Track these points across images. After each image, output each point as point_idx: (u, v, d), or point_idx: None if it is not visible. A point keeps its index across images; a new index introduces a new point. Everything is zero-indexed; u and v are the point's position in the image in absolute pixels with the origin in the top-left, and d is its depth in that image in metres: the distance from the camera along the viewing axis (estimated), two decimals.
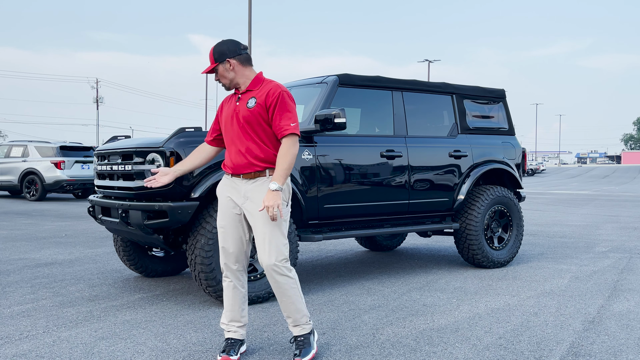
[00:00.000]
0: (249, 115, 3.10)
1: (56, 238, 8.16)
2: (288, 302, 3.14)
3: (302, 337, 3.18)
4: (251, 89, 3.17)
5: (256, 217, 3.08)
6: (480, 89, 6.31)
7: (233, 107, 3.19)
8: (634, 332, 3.72)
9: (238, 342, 3.22)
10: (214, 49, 3.17)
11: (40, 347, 3.36)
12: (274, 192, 2.97)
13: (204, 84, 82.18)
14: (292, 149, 3.04)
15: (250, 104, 3.12)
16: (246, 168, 3.12)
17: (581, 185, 31.00)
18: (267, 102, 3.08)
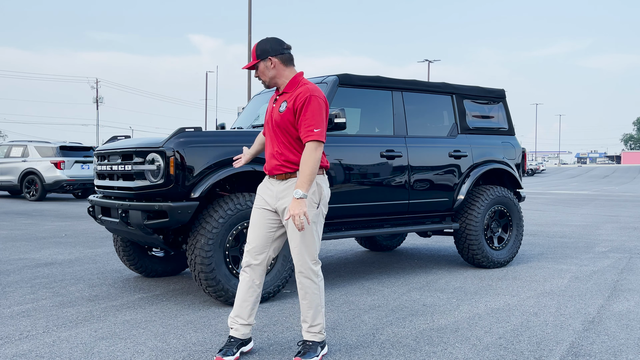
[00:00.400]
0: (280, 119, 3.13)
1: (56, 238, 8.16)
2: (307, 306, 3.15)
3: (311, 342, 3.17)
4: (287, 91, 3.18)
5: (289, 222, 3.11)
6: (480, 89, 6.31)
7: (270, 109, 3.25)
8: (634, 332, 3.72)
9: (238, 342, 3.21)
10: (257, 45, 3.18)
11: (40, 347, 3.36)
12: (299, 200, 2.94)
13: (203, 84, 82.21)
14: (314, 155, 3.00)
15: (281, 108, 3.15)
16: (278, 169, 3.17)
17: (581, 185, 31.00)
18: (295, 105, 3.08)
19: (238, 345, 3.20)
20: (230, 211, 4.26)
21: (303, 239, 3.09)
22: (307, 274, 3.13)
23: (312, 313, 3.16)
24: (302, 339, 3.24)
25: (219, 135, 4.62)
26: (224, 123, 6.01)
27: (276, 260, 4.50)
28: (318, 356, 3.14)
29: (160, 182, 4.21)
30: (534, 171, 52.59)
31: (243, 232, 4.37)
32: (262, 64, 3.15)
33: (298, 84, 3.15)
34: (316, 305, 3.16)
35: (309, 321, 3.18)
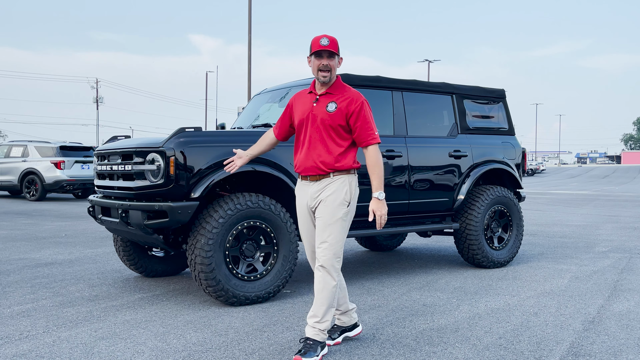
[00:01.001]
0: (328, 119, 3.17)
1: (56, 238, 8.16)
2: (321, 302, 3.20)
3: (312, 341, 3.18)
4: (331, 92, 3.23)
5: (320, 216, 3.20)
6: (480, 89, 6.31)
7: (309, 108, 3.25)
8: (634, 332, 3.72)
9: (339, 329, 3.45)
10: (336, 41, 3.20)
11: (40, 347, 3.36)
12: (381, 201, 3.15)
13: (203, 84, 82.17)
14: (380, 156, 3.20)
15: (330, 108, 3.19)
16: (313, 170, 3.23)
17: (581, 185, 31.00)
18: (348, 109, 3.17)
19: (341, 332, 3.43)
20: (230, 211, 4.26)
21: (331, 234, 3.17)
22: (328, 270, 3.18)
23: (325, 309, 3.20)
24: (303, 337, 3.25)
25: (219, 135, 4.62)
26: (224, 123, 6.01)
27: (276, 260, 4.50)
28: (318, 356, 3.14)
29: (160, 182, 4.21)
30: (534, 171, 52.59)
31: (243, 232, 4.37)
32: (336, 59, 3.21)
33: (344, 87, 3.27)
34: (330, 302, 3.20)
35: (319, 316, 3.20)
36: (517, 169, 6.42)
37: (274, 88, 5.94)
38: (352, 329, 3.48)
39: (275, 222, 4.46)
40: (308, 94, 3.32)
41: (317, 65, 3.17)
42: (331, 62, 3.16)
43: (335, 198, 3.18)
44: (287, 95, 5.61)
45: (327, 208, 3.17)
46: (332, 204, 3.18)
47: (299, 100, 3.35)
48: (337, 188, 3.20)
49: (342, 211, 3.19)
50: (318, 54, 3.17)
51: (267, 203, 4.43)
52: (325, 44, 3.14)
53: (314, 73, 3.23)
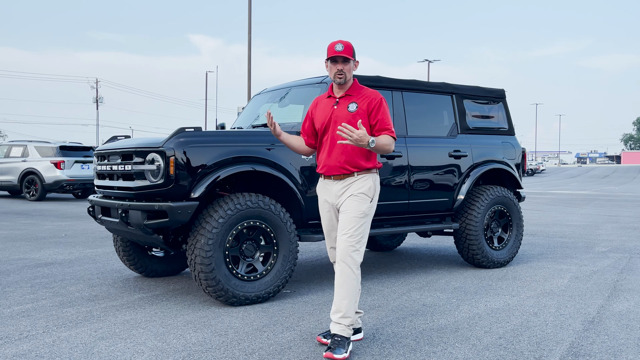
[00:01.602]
0: (351, 119, 3.31)
1: (56, 238, 8.16)
2: (343, 295, 3.24)
3: (339, 337, 3.21)
4: (350, 94, 3.40)
5: (344, 210, 3.31)
6: (480, 89, 6.31)
7: (330, 111, 3.40)
8: (634, 332, 3.72)
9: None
10: (351, 45, 3.37)
11: (40, 347, 3.36)
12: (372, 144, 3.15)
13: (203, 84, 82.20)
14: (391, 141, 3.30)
15: (351, 108, 3.36)
16: (337, 170, 3.36)
17: (581, 185, 31.00)
18: (369, 107, 3.35)
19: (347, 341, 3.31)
20: (230, 211, 4.26)
21: (354, 227, 3.26)
22: (349, 263, 3.24)
23: (347, 303, 3.24)
24: (330, 332, 3.29)
25: (219, 135, 4.62)
26: (224, 123, 6.01)
27: (276, 260, 4.50)
28: (347, 352, 3.16)
29: (160, 182, 4.21)
30: (533, 171, 52.58)
31: (243, 232, 4.37)
32: (351, 64, 3.38)
33: (362, 88, 3.45)
34: (352, 295, 3.25)
35: (343, 310, 3.23)
36: (517, 169, 6.42)
37: (274, 88, 5.94)
38: (355, 334, 3.47)
39: (275, 222, 4.46)
40: (327, 98, 3.48)
41: (333, 70, 3.36)
42: (345, 67, 3.34)
43: (359, 193, 3.32)
44: (287, 95, 5.61)
45: (351, 202, 3.29)
46: (356, 198, 3.30)
47: (318, 107, 3.51)
48: (361, 184, 3.34)
49: (365, 205, 3.30)
50: (333, 59, 3.36)
51: (267, 203, 4.43)
52: (339, 49, 3.33)
53: (330, 76, 3.41)
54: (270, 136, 4.68)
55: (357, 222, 3.27)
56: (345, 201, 3.32)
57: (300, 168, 4.70)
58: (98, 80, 52.78)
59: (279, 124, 5.18)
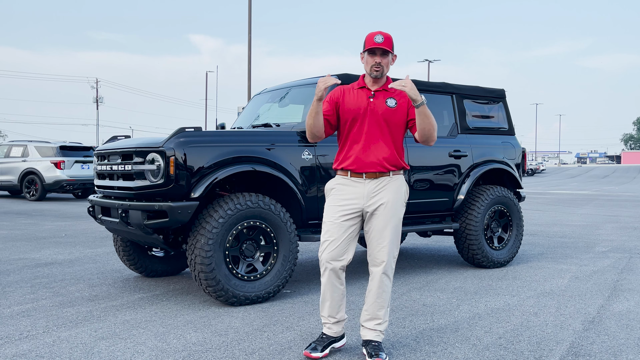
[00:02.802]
0: (390, 115, 3.15)
1: (56, 238, 8.16)
2: (381, 304, 3.18)
3: (377, 342, 3.18)
4: (387, 89, 3.19)
5: (379, 216, 3.13)
6: (480, 89, 6.31)
7: (365, 104, 3.16)
8: (634, 332, 3.72)
9: (329, 339, 3.25)
10: (391, 37, 3.14)
11: (40, 347, 3.36)
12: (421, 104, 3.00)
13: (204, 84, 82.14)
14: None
15: (390, 104, 3.17)
16: (372, 167, 3.14)
17: (581, 185, 31.00)
18: (409, 104, 3.17)
19: (329, 342, 3.25)
20: (230, 211, 4.26)
21: (394, 235, 3.15)
22: (389, 274, 3.17)
23: (384, 311, 3.20)
24: (364, 340, 3.22)
25: (219, 135, 4.62)
26: (224, 123, 6.01)
27: (276, 260, 4.50)
28: (386, 356, 3.15)
29: (160, 182, 4.21)
30: (534, 171, 52.57)
31: (243, 232, 4.37)
32: (390, 57, 3.17)
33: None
34: (388, 302, 3.22)
35: (381, 318, 3.20)
36: (517, 168, 6.42)
37: (274, 88, 5.94)
38: (340, 340, 3.33)
39: (275, 222, 4.46)
40: (359, 89, 3.22)
41: (371, 62, 3.13)
42: (384, 60, 3.13)
43: (397, 198, 3.16)
44: (287, 95, 5.61)
45: (389, 209, 3.12)
46: (394, 204, 3.14)
47: (347, 95, 3.21)
48: (398, 188, 3.18)
49: (402, 212, 3.19)
50: (371, 52, 3.12)
51: (267, 203, 4.43)
52: (379, 41, 3.08)
53: (366, 69, 3.19)
54: (270, 136, 4.68)
55: (397, 230, 3.15)
56: (381, 206, 3.12)
57: (300, 168, 4.70)
58: (98, 80, 52.81)
59: (279, 124, 5.19)
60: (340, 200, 3.17)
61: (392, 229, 3.13)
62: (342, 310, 3.28)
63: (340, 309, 3.26)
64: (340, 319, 3.27)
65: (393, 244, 3.15)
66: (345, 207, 3.16)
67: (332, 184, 3.26)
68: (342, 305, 3.27)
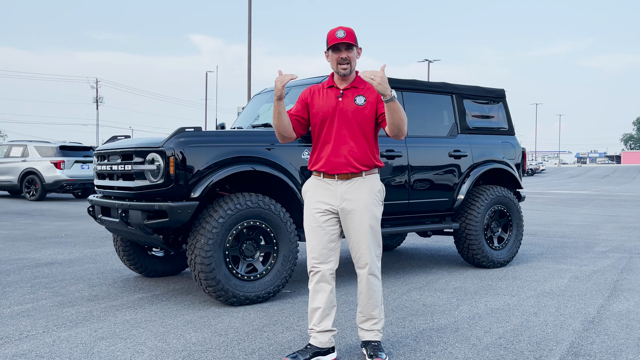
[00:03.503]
0: (358, 113, 3.05)
1: (56, 238, 8.16)
2: (374, 305, 3.14)
3: (376, 342, 3.15)
4: (356, 86, 3.10)
5: (354, 218, 3.06)
6: (480, 89, 6.31)
7: (334, 103, 3.08)
8: (634, 332, 3.72)
9: (314, 349, 3.08)
10: (353, 30, 3.04)
11: (40, 347, 3.36)
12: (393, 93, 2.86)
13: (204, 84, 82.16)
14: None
15: (359, 101, 3.06)
16: (343, 168, 3.07)
17: (581, 185, 31.00)
18: (378, 98, 3.06)
19: (314, 353, 3.07)
20: (230, 211, 4.26)
21: (373, 236, 3.10)
22: (375, 272, 3.12)
23: (379, 310, 3.17)
24: (363, 341, 3.19)
25: (219, 135, 4.62)
26: (224, 123, 6.01)
27: (276, 260, 4.50)
28: (386, 356, 3.13)
29: (160, 182, 4.21)
30: (533, 171, 52.57)
31: (243, 232, 4.37)
32: (354, 51, 3.07)
33: (365, 82, 3.11)
34: (381, 301, 3.18)
35: (376, 317, 3.17)
36: (517, 168, 6.42)
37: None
38: (327, 354, 3.11)
39: (275, 222, 4.46)
40: (327, 88, 3.14)
41: (336, 59, 3.04)
42: (350, 54, 3.03)
43: (371, 199, 3.08)
44: (287, 95, 5.60)
45: (365, 210, 3.05)
46: (368, 205, 3.06)
47: (316, 95, 3.14)
48: (372, 187, 3.10)
49: (378, 211, 3.13)
50: (335, 48, 3.03)
51: (267, 203, 4.43)
52: (341, 36, 2.99)
53: (332, 67, 3.10)
54: (270, 136, 4.68)
55: (375, 230, 3.10)
56: (356, 207, 3.04)
57: (300, 168, 4.70)
58: (98, 80, 52.86)
59: None
60: (316, 202, 3.12)
61: (369, 230, 3.07)
62: (329, 320, 3.11)
63: (326, 318, 3.10)
64: (325, 328, 3.09)
65: (373, 244, 3.09)
66: (320, 209, 3.10)
67: (306, 186, 3.21)
68: (329, 315, 3.12)
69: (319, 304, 3.10)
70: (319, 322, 3.10)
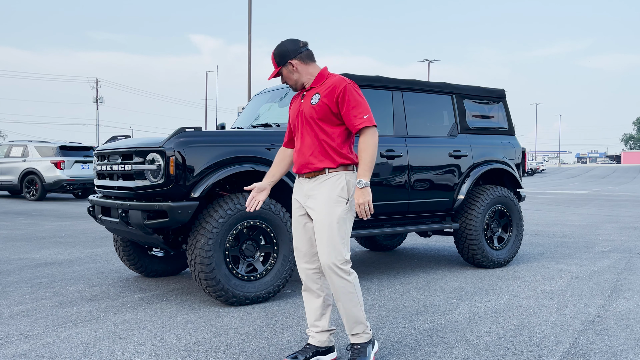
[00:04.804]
0: (312, 112, 3.03)
1: (56, 238, 8.16)
2: (342, 307, 3.01)
3: (359, 345, 3.04)
4: (314, 86, 3.09)
5: (315, 215, 3.01)
6: (480, 89, 6.31)
7: (298, 105, 3.14)
8: (634, 332, 3.72)
9: (313, 349, 3.08)
10: (274, 53, 3.08)
11: (40, 347, 3.36)
12: (363, 189, 2.89)
13: (204, 84, 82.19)
14: (371, 140, 2.95)
15: (314, 100, 3.05)
16: (306, 167, 3.06)
17: (581, 185, 31.00)
18: (333, 97, 3.00)
19: (314, 353, 3.07)
20: (230, 211, 4.26)
21: (330, 236, 2.96)
22: (339, 273, 2.97)
23: (349, 313, 3.00)
24: (349, 343, 3.13)
25: (219, 135, 4.62)
26: (224, 123, 6.01)
27: (276, 260, 4.50)
28: (370, 356, 3.04)
29: (160, 182, 4.21)
30: (534, 171, 52.57)
31: (243, 232, 4.37)
32: (284, 70, 3.08)
33: (327, 77, 3.10)
34: (353, 305, 2.99)
35: (348, 322, 3.03)
36: (517, 168, 6.42)
37: (274, 88, 5.94)
38: (327, 353, 3.11)
39: (275, 222, 4.46)
40: (298, 94, 3.21)
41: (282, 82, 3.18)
42: (284, 79, 3.13)
43: (330, 196, 2.98)
44: (287, 95, 5.61)
45: (323, 207, 2.97)
46: (328, 202, 2.97)
47: (293, 103, 3.24)
48: (333, 185, 3.00)
49: (339, 209, 2.97)
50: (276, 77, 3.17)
51: (267, 203, 4.43)
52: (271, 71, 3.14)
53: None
54: (270, 136, 4.68)
55: (331, 229, 2.95)
56: (316, 205, 3.00)
57: None
58: (98, 80, 52.81)
59: (279, 124, 5.19)
60: (294, 200, 3.19)
61: (327, 227, 2.95)
62: (325, 320, 3.09)
63: (322, 318, 3.09)
64: (323, 328, 3.09)
65: (331, 244, 2.94)
66: (296, 206, 3.16)
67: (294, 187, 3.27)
68: (325, 315, 3.10)
69: (311, 305, 3.13)
70: (315, 322, 3.11)
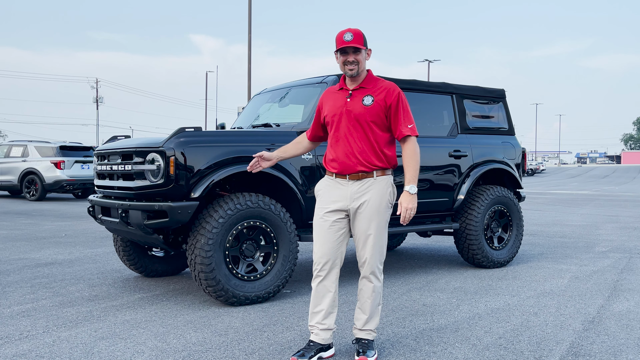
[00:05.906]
0: (365, 114, 3.05)
1: (56, 238, 8.16)
2: (371, 305, 3.15)
3: (367, 340, 3.18)
4: (365, 87, 3.11)
5: (362, 218, 3.07)
6: (480, 89, 6.31)
7: (342, 103, 3.12)
8: (634, 332, 3.72)
9: (316, 346, 3.15)
10: (361, 33, 3.06)
11: (40, 347, 3.36)
12: (413, 195, 3.00)
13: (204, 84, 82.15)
14: (418, 149, 3.08)
15: (366, 102, 3.07)
16: (354, 168, 3.07)
17: (581, 185, 31.00)
18: (386, 101, 3.07)
19: (317, 350, 3.14)
20: (230, 211, 4.26)
21: (379, 240, 3.09)
22: (376, 275, 3.13)
23: (375, 311, 3.18)
24: (355, 337, 3.23)
25: (219, 135, 4.62)
26: (224, 123, 6.01)
27: (276, 260, 4.50)
28: (375, 354, 3.15)
29: (160, 182, 4.21)
30: (534, 171, 52.56)
31: (243, 232, 4.37)
32: (362, 53, 3.07)
33: (377, 80, 3.16)
34: (377, 303, 3.18)
35: (371, 317, 3.18)
36: (517, 168, 6.42)
37: (274, 88, 5.94)
38: (327, 349, 3.21)
39: (275, 222, 4.46)
40: (338, 90, 3.19)
41: (343, 61, 3.08)
42: (358, 57, 3.05)
43: (381, 201, 3.07)
44: (287, 95, 5.61)
45: (371, 210, 3.05)
46: (378, 205, 3.06)
47: (328, 98, 3.22)
48: (382, 189, 3.09)
49: (388, 214, 3.11)
50: (343, 51, 3.06)
51: (267, 203, 4.43)
52: (348, 39, 3.02)
53: (341, 69, 3.13)
54: (270, 136, 4.68)
55: (383, 234, 3.09)
56: (365, 209, 3.06)
57: (300, 168, 4.70)
58: (98, 80, 52.81)
59: (279, 124, 5.19)
60: (327, 202, 3.15)
61: (375, 230, 3.06)
62: (332, 319, 3.18)
63: (329, 317, 3.16)
64: (329, 327, 3.17)
65: (377, 245, 3.08)
66: (331, 208, 3.13)
67: (319, 186, 3.24)
68: (332, 314, 3.17)
69: (323, 305, 3.15)
70: (322, 320, 3.15)
